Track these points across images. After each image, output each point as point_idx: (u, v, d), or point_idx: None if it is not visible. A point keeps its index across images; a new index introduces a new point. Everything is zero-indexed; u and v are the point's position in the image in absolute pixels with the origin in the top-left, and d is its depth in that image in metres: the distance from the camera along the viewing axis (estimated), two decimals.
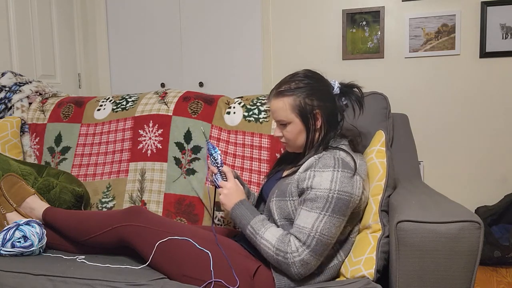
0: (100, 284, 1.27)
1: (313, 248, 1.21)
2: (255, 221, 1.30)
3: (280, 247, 1.22)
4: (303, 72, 1.39)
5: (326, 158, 1.27)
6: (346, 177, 1.24)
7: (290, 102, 1.34)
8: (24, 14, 2.92)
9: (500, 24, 2.71)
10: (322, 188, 1.22)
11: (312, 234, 1.20)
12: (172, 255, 1.32)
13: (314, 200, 1.23)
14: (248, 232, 1.30)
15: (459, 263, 1.10)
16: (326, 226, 1.21)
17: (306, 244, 1.21)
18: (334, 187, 1.22)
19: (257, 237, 1.27)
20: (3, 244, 1.48)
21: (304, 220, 1.22)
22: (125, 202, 1.86)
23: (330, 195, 1.21)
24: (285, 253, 1.21)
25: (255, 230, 1.28)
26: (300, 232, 1.22)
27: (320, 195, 1.22)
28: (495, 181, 2.80)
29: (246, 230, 1.31)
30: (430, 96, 2.88)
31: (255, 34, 3.25)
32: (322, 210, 1.21)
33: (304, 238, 1.21)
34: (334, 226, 1.22)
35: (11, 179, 1.66)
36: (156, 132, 1.92)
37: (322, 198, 1.22)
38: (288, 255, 1.21)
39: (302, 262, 1.21)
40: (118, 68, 3.63)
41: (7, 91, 2.20)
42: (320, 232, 1.21)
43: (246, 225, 1.31)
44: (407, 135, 1.75)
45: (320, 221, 1.21)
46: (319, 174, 1.24)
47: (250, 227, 1.30)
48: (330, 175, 1.23)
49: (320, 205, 1.21)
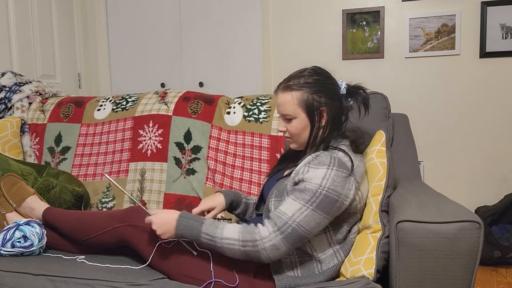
0: (100, 284, 1.27)
1: (286, 235, 1.20)
2: (205, 227, 1.24)
3: (246, 238, 1.21)
4: (312, 69, 1.39)
5: (323, 156, 1.27)
6: (340, 177, 1.24)
7: (298, 97, 1.33)
8: (24, 14, 2.92)
9: (500, 24, 2.71)
10: (313, 182, 1.23)
11: (289, 222, 1.20)
12: (172, 255, 1.32)
13: (302, 191, 1.23)
14: (204, 240, 1.23)
15: (459, 263, 1.10)
16: (305, 219, 1.21)
17: (280, 230, 1.20)
18: (324, 184, 1.22)
19: (217, 241, 1.22)
20: (3, 244, 1.48)
21: (286, 207, 1.23)
22: (125, 202, 1.87)
23: (319, 190, 1.21)
24: (254, 241, 1.21)
25: (211, 235, 1.23)
26: (278, 217, 1.22)
27: (309, 188, 1.22)
28: (495, 181, 2.80)
29: (201, 239, 1.24)
30: (430, 96, 2.88)
31: (255, 34, 3.25)
32: (307, 203, 1.21)
33: (281, 224, 1.21)
34: (314, 221, 1.22)
35: (11, 179, 1.66)
36: (156, 132, 1.92)
37: (310, 191, 1.22)
38: (258, 241, 1.20)
39: (272, 247, 1.20)
40: (118, 68, 3.63)
41: (7, 91, 2.20)
42: (298, 222, 1.20)
43: (198, 234, 1.24)
44: (407, 135, 1.75)
45: (302, 213, 1.21)
46: (313, 170, 1.25)
47: (203, 234, 1.23)
48: (323, 172, 1.23)
49: (306, 197, 1.22)
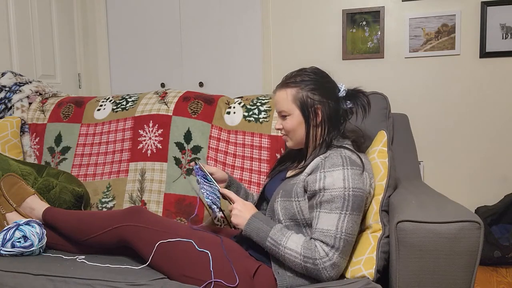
0: (100, 284, 1.27)
1: (342, 249, 1.20)
2: (273, 232, 1.26)
3: (307, 254, 1.20)
4: (310, 68, 1.41)
5: (333, 157, 1.27)
6: (357, 174, 1.24)
7: (292, 93, 1.35)
8: (24, 14, 2.92)
9: (500, 24, 2.71)
10: (336, 187, 1.22)
11: (338, 235, 1.19)
12: (172, 255, 1.32)
13: (331, 201, 1.22)
14: (268, 244, 1.26)
15: (459, 263, 1.10)
16: (349, 225, 1.21)
17: (335, 247, 1.19)
18: (348, 185, 1.22)
19: (280, 248, 1.24)
20: (3, 244, 1.48)
21: (326, 223, 1.21)
22: (125, 202, 1.86)
23: (346, 193, 1.21)
24: (314, 259, 1.19)
25: (276, 242, 1.25)
26: (325, 236, 1.20)
27: (336, 195, 1.21)
28: (495, 181, 2.80)
29: (266, 243, 1.26)
30: (430, 96, 2.88)
31: (255, 34, 3.25)
32: (342, 210, 1.21)
33: (332, 241, 1.19)
34: (355, 224, 1.23)
35: (11, 179, 1.66)
36: (156, 132, 1.92)
37: (339, 197, 1.21)
38: (318, 261, 1.19)
39: (333, 266, 1.19)
40: (118, 68, 3.63)
41: (7, 91, 2.20)
42: (346, 232, 1.20)
43: (265, 238, 1.26)
44: (407, 135, 1.75)
45: (343, 221, 1.20)
46: (330, 174, 1.24)
47: (270, 239, 1.25)
48: (341, 174, 1.23)
49: (338, 205, 1.21)
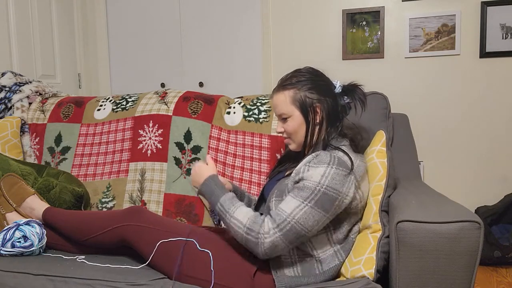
0: (100, 284, 1.27)
1: (285, 232, 1.21)
2: (224, 198, 1.30)
3: (251, 227, 1.23)
4: (305, 69, 1.43)
5: (323, 155, 1.28)
6: (339, 175, 1.24)
7: (290, 95, 1.37)
8: (24, 14, 2.92)
9: (500, 24, 2.71)
10: (312, 180, 1.24)
11: (288, 219, 1.21)
12: (172, 255, 1.32)
13: (301, 189, 1.24)
14: (217, 209, 1.31)
15: (459, 263, 1.10)
16: (304, 216, 1.22)
17: (279, 227, 1.21)
18: (323, 182, 1.23)
19: (227, 216, 1.27)
20: (3, 244, 1.48)
21: (286, 205, 1.24)
22: (125, 202, 1.86)
23: (318, 188, 1.22)
24: (257, 233, 1.22)
25: (224, 209, 1.29)
26: (277, 215, 1.23)
27: (308, 185, 1.23)
28: (495, 181, 2.80)
29: (216, 207, 1.31)
30: (430, 96, 2.88)
31: (255, 34, 3.25)
32: (305, 200, 1.22)
33: (280, 221, 1.22)
34: (312, 219, 1.22)
35: (11, 179, 1.66)
36: (156, 132, 1.92)
37: (309, 189, 1.23)
38: (260, 235, 1.22)
39: (271, 244, 1.21)
40: (118, 68, 3.63)
41: (7, 91, 2.20)
42: (297, 220, 1.21)
43: (215, 202, 1.31)
44: (407, 135, 1.75)
45: (300, 210, 1.22)
46: (313, 168, 1.26)
47: (219, 204, 1.30)
48: (322, 170, 1.24)
49: (304, 195, 1.23)
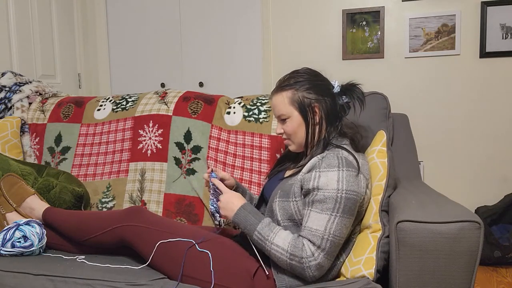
0: (100, 284, 1.27)
1: (327, 250, 1.21)
2: (261, 226, 1.26)
3: (294, 252, 1.21)
4: (302, 69, 1.42)
5: (330, 157, 1.27)
6: (352, 176, 1.24)
7: (289, 96, 1.36)
8: (24, 14, 2.92)
9: (500, 24, 2.71)
10: (330, 188, 1.22)
11: (325, 236, 1.20)
12: (172, 255, 1.32)
13: (323, 201, 1.22)
14: (255, 238, 1.27)
15: (459, 263, 1.10)
16: (338, 227, 1.21)
17: (321, 247, 1.20)
18: (341, 187, 1.22)
19: (267, 243, 1.24)
20: (3, 244, 1.48)
21: (316, 223, 1.22)
22: (125, 202, 1.86)
23: (339, 195, 1.21)
24: (300, 258, 1.20)
25: (263, 236, 1.25)
26: (313, 236, 1.21)
27: (328, 195, 1.22)
28: (495, 181, 2.80)
29: (253, 236, 1.27)
30: (430, 96, 2.88)
31: (255, 34, 3.25)
32: (333, 212, 1.21)
33: (319, 241, 1.20)
34: (345, 227, 1.23)
35: (11, 179, 1.66)
36: (156, 132, 1.92)
37: (331, 198, 1.21)
38: (304, 259, 1.20)
39: (317, 266, 1.20)
40: (118, 68, 3.63)
41: (7, 91, 2.20)
42: (333, 234, 1.21)
43: (252, 231, 1.27)
44: (407, 135, 1.75)
45: (332, 223, 1.21)
46: (325, 174, 1.24)
47: (257, 233, 1.26)
48: (336, 175, 1.23)
49: (330, 206, 1.21)
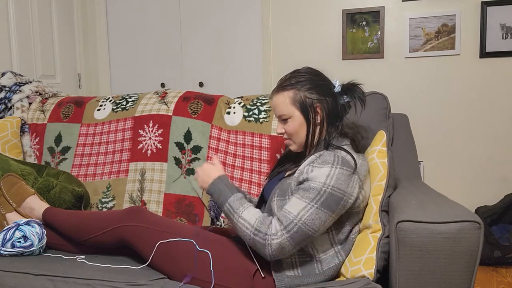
0: (100, 284, 1.27)
1: (292, 234, 1.21)
2: (233, 199, 1.30)
3: (259, 228, 1.23)
4: (303, 69, 1.42)
5: (326, 155, 1.28)
6: (344, 175, 1.24)
7: (290, 96, 1.36)
8: (24, 14, 2.92)
9: (500, 24, 2.71)
10: (317, 181, 1.23)
11: (295, 221, 1.21)
12: (172, 255, 1.32)
13: (306, 190, 1.24)
14: (225, 209, 1.30)
15: (459, 263, 1.10)
16: (311, 217, 1.22)
17: (286, 228, 1.21)
18: (328, 182, 1.23)
19: (235, 216, 1.28)
20: (3, 244, 1.48)
21: (292, 206, 1.24)
22: (125, 202, 1.86)
23: (323, 188, 1.22)
24: (264, 234, 1.22)
25: (232, 209, 1.29)
26: (284, 216, 1.23)
27: (313, 186, 1.23)
28: (495, 181, 2.80)
29: (224, 207, 1.31)
30: (430, 96, 2.88)
31: (255, 34, 3.25)
32: (312, 201, 1.22)
33: (287, 222, 1.22)
34: (319, 219, 1.22)
35: (11, 179, 1.66)
36: (156, 132, 1.92)
37: (315, 189, 1.23)
38: (267, 236, 1.22)
39: (278, 245, 1.21)
40: (118, 68, 3.63)
41: (7, 91, 2.20)
42: (304, 221, 1.21)
43: (224, 202, 1.31)
44: (407, 135, 1.75)
45: (307, 211, 1.22)
46: (318, 169, 1.25)
47: (228, 204, 1.30)
48: (327, 171, 1.24)
49: (311, 196, 1.22)
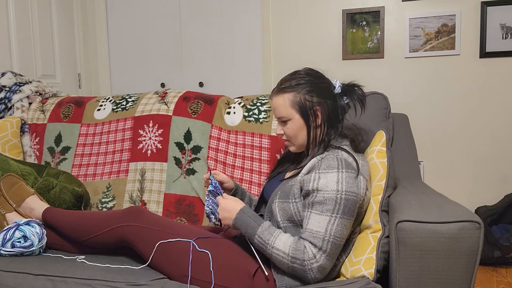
0: (100, 284, 1.27)
1: (328, 252, 1.20)
2: (261, 230, 1.26)
3: (295, 255, 1.20)
4: (304, 70, 1.40)
5: (329, 159, 1.27)
6: (351, 178, 1.24)
7: (290, 98, 1.35)
8: (24, 14, 2.91)
9: (500, 24, 2.71)
10: (329, 190, 1.22)
11: (326, 238, 1.20)
12: (172, 255, 1.32)
13: (323, 202, 1.22)
14: (256, 242, 1.26)
15: (459, 263, 1.10)
16: (338, 229, 1.21)
17: (322, 249, 1.20)
18: (341, 188, 1.22)
19: (268, 247, 1.24)
20: (3, 244, 1.48)
21: (316, 225, 1.21)
22: (125, 202, 1.86)
23: (339, 196, 1.21)
24: (302, 260, 1.20)
25: (264, 240, 1.25)
26: (314, 237, 1.21)
27: (328, 197, 1.21)
28: (495, 181, 2.80)
29: (254, 240, 1.27)
30: (430, 96, 2.88)
31: (255, 34, 3.25)
32: (333, 213, 1.21)
33: (320, 243, 1.20)
34: (345, 228, 1.22)
35: (11, 179, 1.66)
36: (156, 132, 1.92)
37: (331, 200, 1.21)
38: (305, 262, 1.20)
39: (319, 268, 1.20)
40: (118, 68, 3.63)
41: (7, 91, 2.20)
42: (334, 235, 1.20)
43: (253, 235, 1.27)
44: (407, 135, 1.75)
45: (333, 224, 1.20)
46: (324, 175, 1.24)
47: (257, 237, 1.26)
48: (335, 176, 1.23)
49: (330, 208, 1.21)
